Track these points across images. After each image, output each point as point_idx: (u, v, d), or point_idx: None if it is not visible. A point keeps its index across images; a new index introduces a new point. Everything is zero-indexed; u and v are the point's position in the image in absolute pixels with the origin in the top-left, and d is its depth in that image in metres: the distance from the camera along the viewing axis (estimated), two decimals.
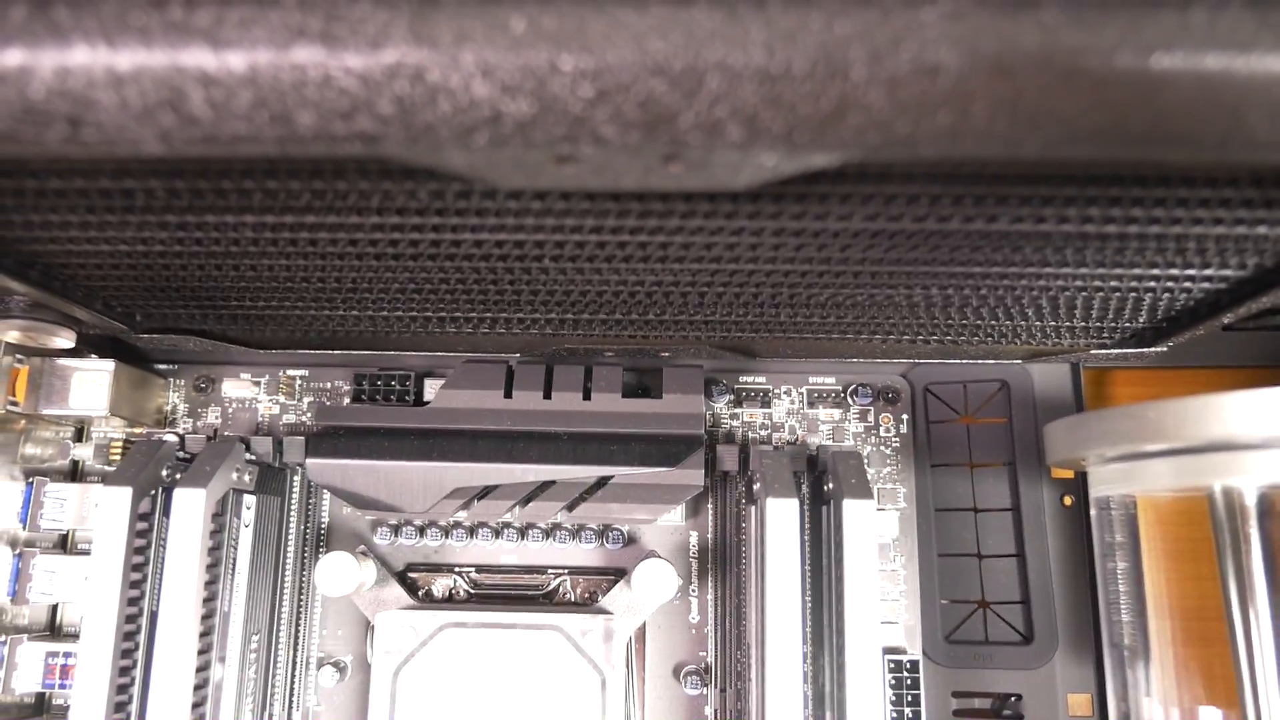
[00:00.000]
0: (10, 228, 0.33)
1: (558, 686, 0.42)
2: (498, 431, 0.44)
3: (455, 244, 0.34)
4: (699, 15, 0.22)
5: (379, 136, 0.23)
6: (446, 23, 0.22)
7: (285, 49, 0.22)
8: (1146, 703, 0.41)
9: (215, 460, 0.40)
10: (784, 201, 0.29)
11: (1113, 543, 0.43)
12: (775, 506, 0.38)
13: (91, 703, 0.37)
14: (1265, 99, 0.22)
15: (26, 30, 0.22)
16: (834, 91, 0.22)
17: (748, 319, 0.43)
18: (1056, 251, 0.33)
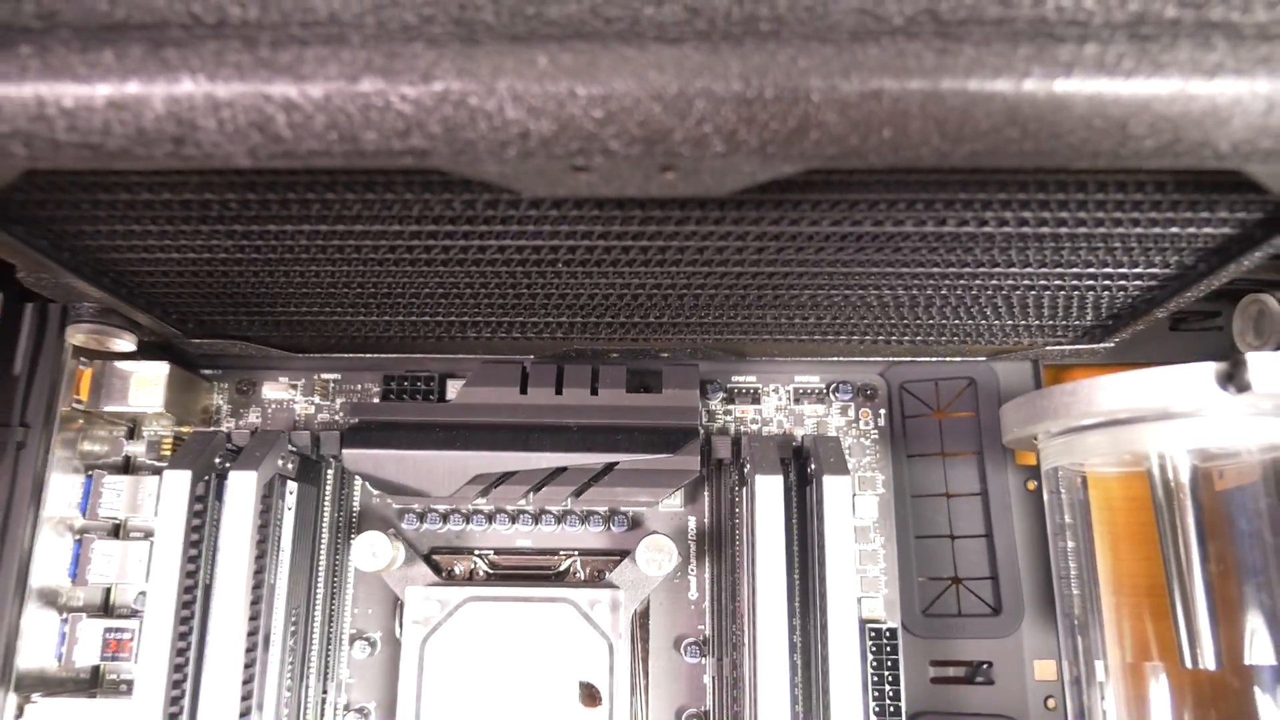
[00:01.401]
0: (94, 238, 0.38)
1: (570, 654, 0.46)
2: (514, 424, 0.48)
3: (481, 250, 0.39)
4: (688, 51, 0.27)
5: (429, 151, 0.28)
6: (484, 59, 0.27)
7: (353, 81, 0.27)
8: (1099, 664, 0.46)
9: (264, 448, 0.45)
10: (762, 207, 0.34)
11: (1063, 524, 0.48)
12: (763, 482, 0.43)
13: (155, 666, 0.41)
14: (1146, 115, 0.27)
15: (142, 67, 0.28)
16: (797, 112, 0.27)
17: (736, 321, 0.48)
18: (1003, 252, 0.38)
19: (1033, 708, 0.49)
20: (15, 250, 0.38)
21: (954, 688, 0.50)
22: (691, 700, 0.49)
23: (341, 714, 0.49)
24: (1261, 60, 0.27)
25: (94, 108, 0.28)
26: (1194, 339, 0.54)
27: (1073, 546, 0.47)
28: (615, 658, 0.46)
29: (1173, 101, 0.27)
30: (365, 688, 0.50)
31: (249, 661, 0.43)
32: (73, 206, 0.35)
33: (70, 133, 0.28)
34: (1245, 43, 0.27)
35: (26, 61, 0.28)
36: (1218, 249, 0.37)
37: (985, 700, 0.49)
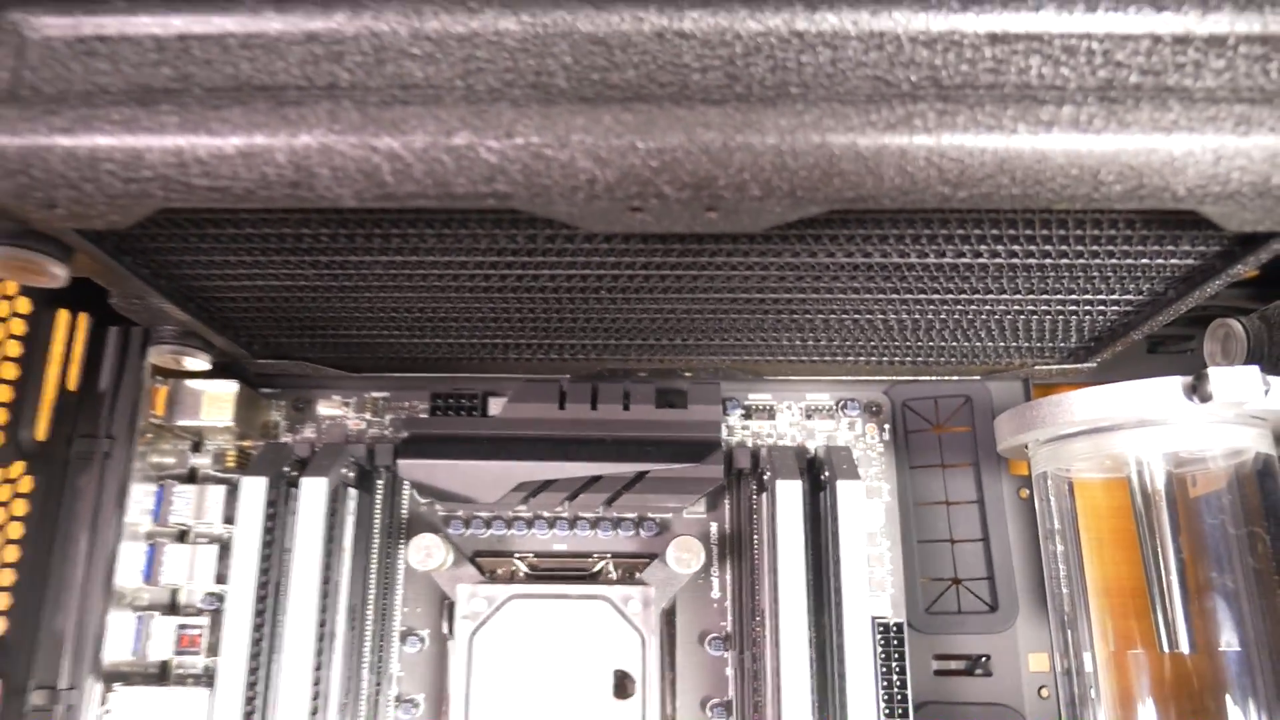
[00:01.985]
0: (191, 267, 0.43)
1: (605, 647, 0.51)
2: (553, 437, 0.53)
3: (534, 278, 0.44)
4: (729, 111, 0.32)
5: (510, 194, 0.33)
6: (559, 117, 0.32)
7: (448, 135, 0.32)
8: (1087, 656, 0.50)
9: (330, 458, 0.50)
10: (788, 241, 0.40)
11: (1052, 529, 0.53)
12: (784, 486, 0.48)
13: (236, 656, 0.46)
14: (1115, 165, 0.32)
15: (266, 122, 0.33)
16: (822, 163, 0.32)
17: (755, 343, 0.53)
18: (995, 280, 0.44)
19: (1028, 696, 0.53)
20: (122, 277, 0.42)
21: (955, 679, 0.54)
22: (715, 691, 0.53)
23: (393, 705, 0.53)
24: (1210, 119, 0.32)
25: (225, 156, 0.33)
26: (1169, 360, 0.59)
27: (1062, 550, 0.52)
28: (647, 650, 0.50)
29: (1136, 154, 0.32)
30: (414, 681, 0.54)
31: (318, 653, 0.47)
32: (180, 239, 0.40)
33: (203, 178, 0.33)
34: (1196, 105, 0.32)
35: (166, 117, 0.33)
36: (1184, 278, 0.43)
37: (984, 690, 0.54)
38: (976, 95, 0.33)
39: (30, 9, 0.35)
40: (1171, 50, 0.33)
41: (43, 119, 0.33)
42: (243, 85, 0.34)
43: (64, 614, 0.48)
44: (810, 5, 0.33)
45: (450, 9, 0.34)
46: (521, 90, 0.33)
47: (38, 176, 0.33)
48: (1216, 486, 0.47)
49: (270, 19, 0.34)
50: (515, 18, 0.34)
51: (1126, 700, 0.49)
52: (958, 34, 0.33)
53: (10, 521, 0.46)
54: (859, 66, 0.33)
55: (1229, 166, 0.32)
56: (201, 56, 0.34)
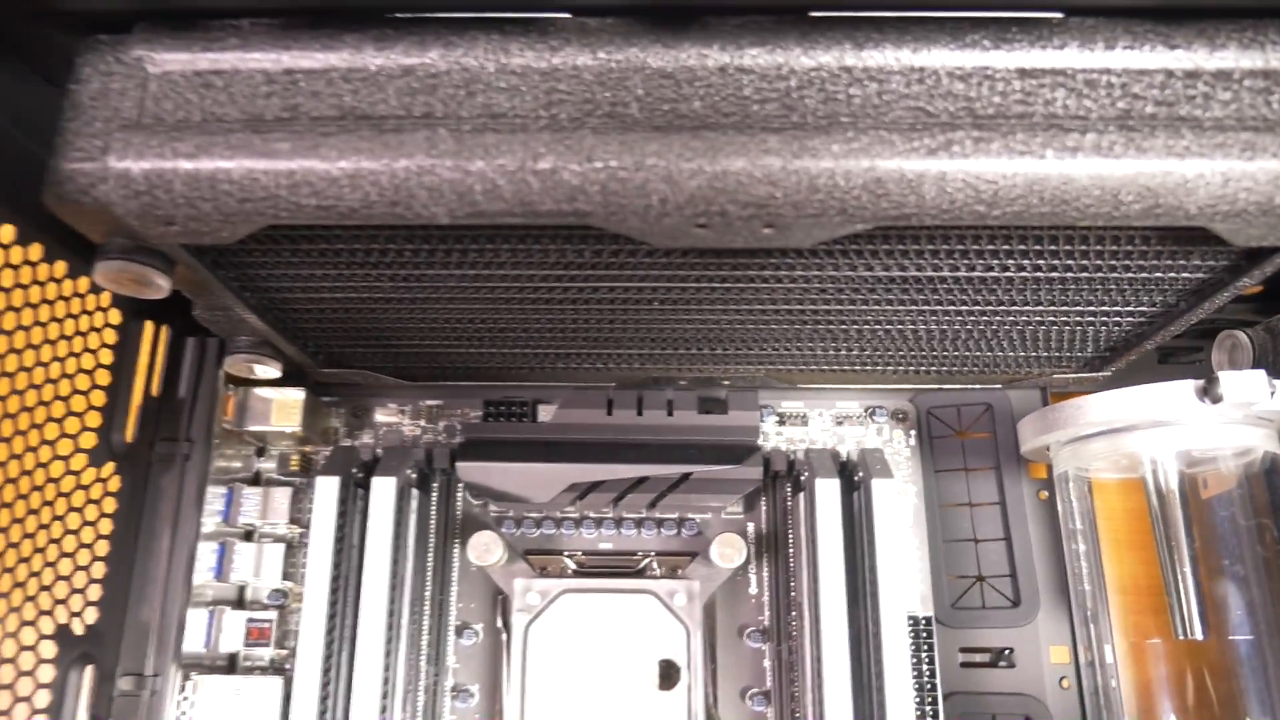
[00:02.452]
0: (277, 280, 0.47)
1: (652, 638, 0.54)
2: (602, 441, 0.57)
3: (594, 290, 0.47)
4: (787, 139, 0.36)
5: (589, 212, 0.37)
6: (633, 144, 0.36)
7: (535, 160, 0.36)
8: (1108, 648, 0.53)
9: (397, 460, 0.53)
10: (832, 255, 0.43)
11: (1074, 530, 0.56)
12: (822, 484, 0.51)
13: (313, 647, 0.49)
14: (1133, 187, 0.36)
15: (369, 148, 0.36)
16: (870, 184, 0.36)
17: (790, 353, 0.56)
18: (1020, 292, 0.47)
19: (1049, 686, 0.56)
20: (211, 289, 0.46)
21: (981, 671, 0.57)
22: (754, 681, 0.56)
23: (449, 695, 0.56)
24: (1218, 145, 0.36)
25: (331, 179, 0.37)
26: (1179, 370, 0.63)
27: (1084, 549, 0.55)
28: (692, 641, 0.54)
29: (1153, 176, 0.36)
30: (469, 672, 0.57)
31: (387, 642, 0.50)
32: (273, 254, 0.44)
33: (311, 198, 0.37)
34: (1206, 132, 0.36)
35: (278, 144, 0.37)
36: (1195, 290, 0.46)
37: (1008, 681, 0.57)
38: (1008, 124, 0.36)
39: (152, 46, 0.38)
40: (1183, 84, 0.37)
41: (166, 145, 0.37)
42: (346, 114, 0.37)
43: (148, 606, 0.51)
44: (857, 44, 0.37)
45: (533, 46, 0.37)
46: (599, 119, 0.37)
47: (160, 197, 0.37)
48: (1227, 487, 0.51)
49: (371, 56, 0.38)
50: (592, 54, 0.37)
51: (1145, 688, 0.52)
52: (990, 69, 0.37)
53: (101, 518, 0.49)
54: (902, 98, 0.37)
55: (1236, 188, 0.36)
56: (308, 89, 0.38)
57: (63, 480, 0.47)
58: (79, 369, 0.47)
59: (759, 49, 0.37)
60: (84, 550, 0.48)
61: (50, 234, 0.44)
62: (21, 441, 0.44)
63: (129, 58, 0.38)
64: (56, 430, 0.46)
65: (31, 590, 0.44)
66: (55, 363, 0.46)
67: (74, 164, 0.37)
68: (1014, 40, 0.37)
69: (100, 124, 0.38)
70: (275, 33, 0.38)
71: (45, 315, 0.45)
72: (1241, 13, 0.38)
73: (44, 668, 0.45)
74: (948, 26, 0.38)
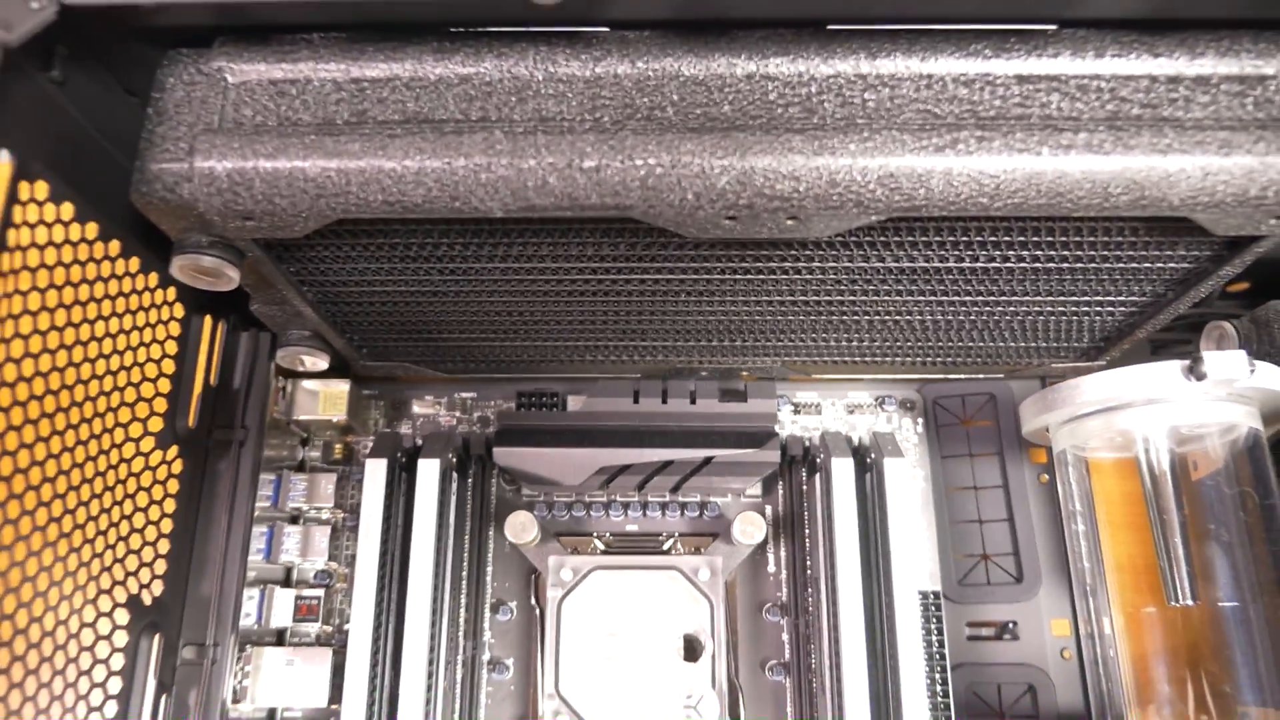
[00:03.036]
0: (335, 274, 0.50)
1: (678, 611, 0.57)
2: (630, 428, 0.60)
3: (627, 282, 0.51)
4: (809, 138, 0.40)
5: (630, 206, 0.41)
6: (670, 144, 0.40)
7: (581, 159, 0.40)
8: (1106, 620, 0.57)
9: (439, 444, 0.57)
10: (847, 247, 0.47)
11: (1073, 510, 0.59)
12: (838, 464, 0.55)
13: (364, 621, 0.53)
14: (1121, 180, 0.40)
15: (432, 149, 0.40)
16: (883, 179, 0.40)
17: (804, 344, 0.60)
18: (1020, 282, 0.51)
19: (1051, 658, 0.60)
20: (277, 282, 0.50)
21: (986, 644, 0.61)
22: (773, 653, 0.60)
23: (486, 668, 0.60)
24: (1198, 143, 0.40)
25: (397, 176, 0.40)
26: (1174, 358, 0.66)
27: (1083, 529, 0.59)
28: (715, 614, 0.57)
29: (1139, 171, 0.40)
30: (504, 646, 0.60)
31: (432, 615, 0.54)
32: (334, 248, 0.48)
33: (379, 194, 0.41)
34: (1186, 132, 0.40)
35: (348, 145, 0.41)
36: (1181, 280, 0.50)
37: (1012, 653, 0.60)
38: (1008, 124, 0.40)
39: (231, 58, 0.42)
40: (1166, 88, 0.41)
41: (246, 147, 0.41)
42: (410, 119, 0.41)
43: (208, 581, 0.54)
44: (871, 53, 0.41)
45: (578, 57, 0.41)
46: (638, 122, 0.41)
47: (241, 194, 0.41)
48: (1214, 468, 0.54)
49: (431, 66, 0.42)
50: (631, 64, 0.41)
51: (1142, 657, 0.55)
52: (991, 75, 0.41)
53: (166, 498, 0.53)
54: (912, 102, 0.41)
55: (1214, 181, 0.40)
56: (375, 96, 0.42)
57: (133, 461, 0.50)
58: (148, 358, 0.51)
59: (782, 58, 0.41)
60: (151, 527, 0.51)
61: (126, 231, 0.47)
62: (99, 423, 0.47)
63: (210, 69, 0.42)
64: (128, 414, 0.50)
65: (107, 561, 0.48)
66: (128, 351, 0.49)
67: (161, 164, 0.41)
68: (1013, 49, 0.41)
69: (185, 128, 0.42)
70: (344, 45, 0.42)
71: (120, 307, 0.48)
72: (1218, 24, 0.42)
73: (118, 633, 0.48)
74: (953, 37, 0.42)
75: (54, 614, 0.44)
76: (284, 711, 0.58)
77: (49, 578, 0.44)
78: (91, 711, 0.46)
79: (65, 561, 0.45)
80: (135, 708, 0.49)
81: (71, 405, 0.45)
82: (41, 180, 0.41)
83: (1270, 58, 0.41)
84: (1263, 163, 0.40)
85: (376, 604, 0.53)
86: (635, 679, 0.56)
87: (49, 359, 0.43)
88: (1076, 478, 0.55)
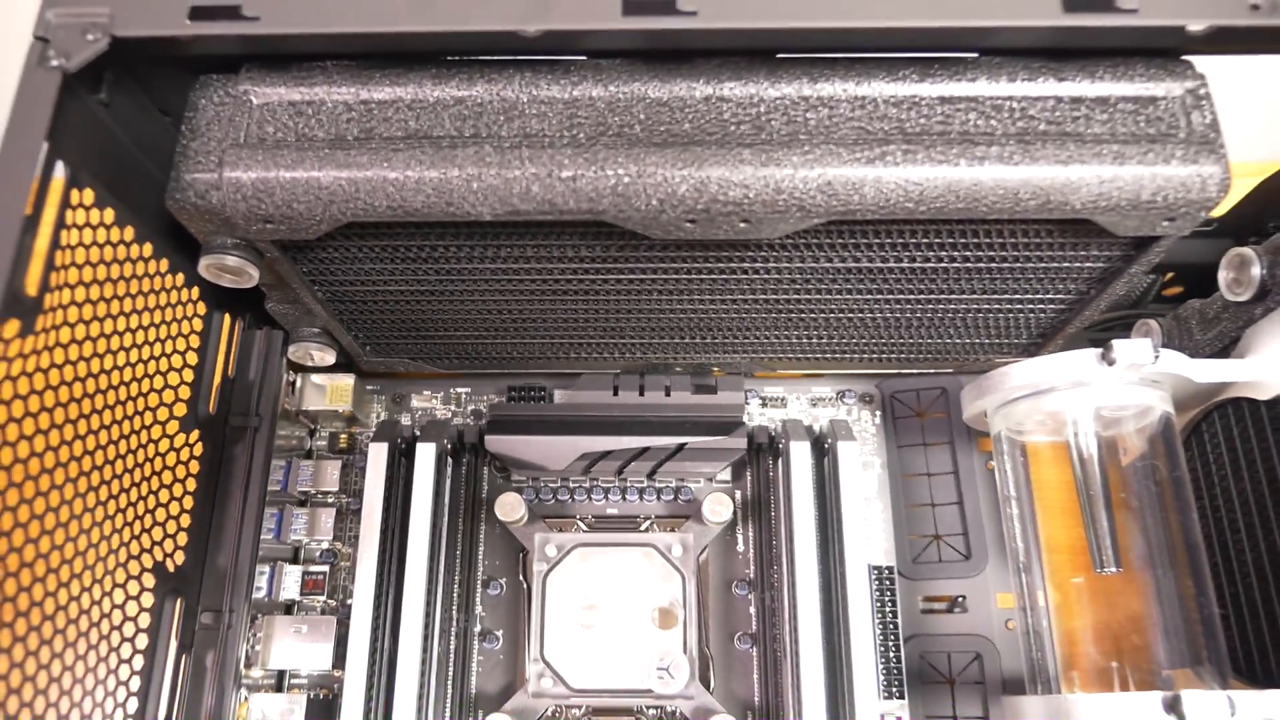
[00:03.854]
0: (343, 274, 0.56)
1: (653, 584, 0.63)
2: (609, 418, 0.66)
3: (603, 282, 0.57)
4: (758, 151, 0.46)
5: (602, 210, 0.47)
6: (637, 157, 0.46)
7: (560, 169, 0.46)
8: (1039, 594, 0.62)
9: (436, 430, 0.62)
10: (797, 249, 0.53)
11: (1008, 496, 0.65)
12: (796, 446, 0.60)
13: (366, 592, 0.58)
14: (1029, 187, 0.46)
15: (431, 161, 0.46)
16: (821, 186, 0.46)
17: (770, 341, 0.65)
18: (956, 281, 0.57)
19: (996, 628, 0.65)
20: (292, 281, 0.56)
21: (938, 616, 0.66)
22: (741, 625, 0.65)
23: (478, 638, 0.65)
24: (1096, 155, 0.46)
25: (399, 184, 0.46)
26: None
27: (1016, 513, 0.64)
28: (687, 586, 0.62)
29: (1044, 179, 0.46)
30: (494, 619, 0.66)
31: (428, 588, 0.59)
32: (343, 249, 0.54)
33: (383, 199, 0.47)
34: (1086, 145, 0.46)
35: (357, 157, 0.47)
36: (1099, 278, 0.56)
37: (962, 624, 0.65)
38: (931, 139, 0.46)
39: (256, 83, 0.49)
40: (1069, 107, 0.47)
41: (269, 159, 0.47)
42: (411, 135, 0.47)
43: (225, 554, 0.60)
44: (813, 79, 0.47)
45: (558, 81, 0.48)
46: (610, 138, 0.47)
47: (264, 200, 0.47)
48: (1138, 454, 0.60)
49: (430, 89, 0.48)
50: (604, 88, 0.47)
51: (1070, 625, 0.60)
52: (918, 97, 0.47)
53: (188, 476, 0.58)
54: (848, 120, 0.47)
55: (1109, 187, 0.46)
56: (381, 115, 0.48)
57: (160, 442, 0.56)
58: (174, 350, 0.57)
59: (735, 83, 0.47)
60: (174, 502, 0.57)
61: (157, 235, 0.53)
62: (131, 406, 0.53)
63: (237, 91, 0.49)
64: (156, 399, 0.55)
65: (136, 530, 0.53)
66: (157, 343, 0.55)
67: (194, 174, 0.47)
68: (937, 75, 0.48)
69: (215, 143, 0.48)
70: (354, 72, 0.48)
71: (151, 303, 0.54)
72: (1115, 53, 0.48)
73: (145, 595, 0.54)
74: (884, 65, 0.48)
75: (90, 573, 0.49)
76: (292, 675, 0.63)
77: (87, 540, 0.49)
78: (122, 663, 0.52)
79: (101, 527, 0.50)
80: (159, 663, 0.55)
81: (109, 388, 0.51)
82: (89, 189, 0.47)
83: (1159, 82, 0.47)
84: (1151, 171, 0.46)
85: (377, 579, 0.59)
86: (613, 645, 0.62)
87: (90, 345, 0.49)
88: (1011, 464, 0.60)
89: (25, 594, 0.44)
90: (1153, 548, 0.56)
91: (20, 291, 0.42)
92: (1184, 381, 0.54)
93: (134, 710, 0.52)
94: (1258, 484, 0.55)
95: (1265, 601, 0.55)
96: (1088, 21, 0.44)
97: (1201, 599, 0.54)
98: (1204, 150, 0.46)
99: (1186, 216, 0.47)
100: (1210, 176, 0.46)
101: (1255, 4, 0.44)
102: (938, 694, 0.64)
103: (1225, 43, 0.47)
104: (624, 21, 0.44)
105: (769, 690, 0.63)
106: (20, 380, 0.43)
